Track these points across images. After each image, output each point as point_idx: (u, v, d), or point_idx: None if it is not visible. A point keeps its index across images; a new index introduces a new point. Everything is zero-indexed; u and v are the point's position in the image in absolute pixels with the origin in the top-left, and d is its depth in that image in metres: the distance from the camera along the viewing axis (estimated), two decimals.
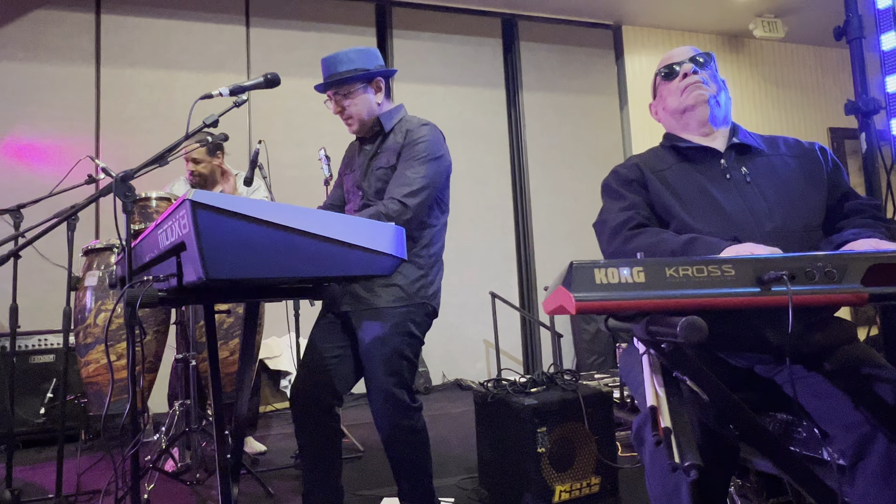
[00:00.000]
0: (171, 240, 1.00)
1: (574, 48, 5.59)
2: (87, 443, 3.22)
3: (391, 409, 1.65)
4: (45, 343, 3.37)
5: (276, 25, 4.77)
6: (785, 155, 1.36)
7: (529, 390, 2.02)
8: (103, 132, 4.28)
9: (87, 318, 2.39)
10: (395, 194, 1.64)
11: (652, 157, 1.42)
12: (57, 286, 3.37)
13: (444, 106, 5.06)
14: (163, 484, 2.44)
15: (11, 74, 4.11)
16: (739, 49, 6.10)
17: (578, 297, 0.76)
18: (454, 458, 2.72)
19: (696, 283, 0.77)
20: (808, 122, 6.24)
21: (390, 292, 1.69)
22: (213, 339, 1.45)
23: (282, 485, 2.43)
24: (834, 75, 6.42)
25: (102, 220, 4.19)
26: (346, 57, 1.75)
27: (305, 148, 4.42)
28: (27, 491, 2.43)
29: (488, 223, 5.14)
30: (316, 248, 0.95)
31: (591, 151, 5.51)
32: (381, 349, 1.65)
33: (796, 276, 0.76)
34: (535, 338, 5.19)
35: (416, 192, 1.64)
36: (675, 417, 0.77)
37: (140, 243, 1.33)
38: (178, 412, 2.51)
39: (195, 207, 0.85)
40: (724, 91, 1.40)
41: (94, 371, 2.40)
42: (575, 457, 1.93)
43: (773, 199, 1.27)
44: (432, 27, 5.17)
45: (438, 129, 1.80)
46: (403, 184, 1.65)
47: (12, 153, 4.06)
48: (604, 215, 1.35)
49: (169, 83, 4.42)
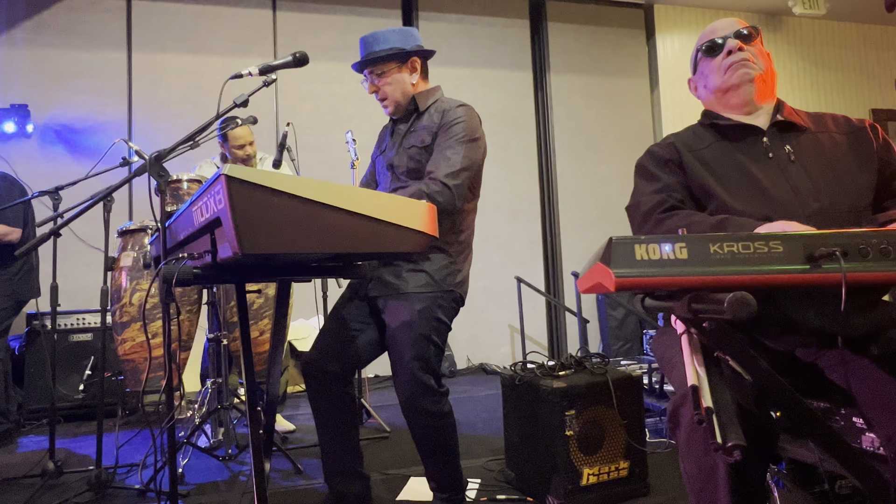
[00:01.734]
0: (205, 216, 1.01)
1: (603, 28, 5.46)
2: (125, 418, 3.33)
3: (417, 393, 1.64)
4: (83, 322, 3.48)
5: (303, 9, 4.77)
6: (833, 132, 1.29)
7: (558, 373, 2.00)
8: (135, 116, 4.36)
9: (122, 297, 2.45)
10: (437, 175, 1.61)
11: (690, 136, 1.37)
12: (93, 267, 3.48)
13: (470, 89, 5.00)
14: (196, 459, 2.51)
15: (47, 60, 4.20)
16: (777, 28, 5.87)
17: (618, 274, 0.74)
18: (480, 440, 2.73)
19: (741, 259, 0.74)
20: (849, 103, 6.00)
21: (418, 278, 1.67)
22: (244, 318, 1.47)
23: (310, 462, 2.47)
24: (878, 54, 6.15)
25: (136, 202, 4.29)
26: (383, 36, 1.73)
27: (332, 132, 4.43)
28: (69, 463, 2.53)
29: (514, 207, 5.10)
30: (348, 223, 0.95)
31: (619, 135, 5.40)
32: (408, 333, 1.64)
33: (849, 253, 0.73)
34: (561, 323, 5.16)
35: (457, 172, 1.62)
36: (717, 397, 0.75)
37: (175, 222, 1.35)
38: (211, 390, 2.57)
39: (230, 182, 0.86)
40: (770, 67, 1.34)
41: (130, 349, 2.47)
42: (603, 440, 1.92)
43: (819, 178, 1.22)
44: (458, 9, 5.10)
45: (475, 111, 1.77)
46: (445, 164, 1.62)
47: (49, 138, 4.17)
48: (636, 198, 1.31)
49: (198, 67, 4.47)
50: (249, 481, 2.25)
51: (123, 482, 2.28)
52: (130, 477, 2.35)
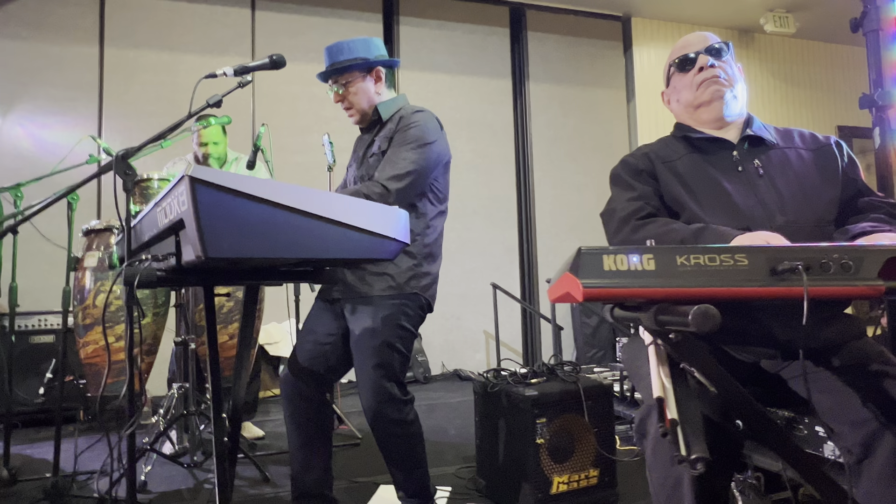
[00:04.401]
0: (169, 217, 0.98)
1: (582, 39, 5.53)
2: (85, 424, 3.22)
3: (380, 401, 1.63)
4: (45, 323, 3.36)
5: (282, 10, 4.72)
6: (800, 148, 1.33)
7: (530, 381, 2.00)
8: (106, 113, 4.25)
9: (86, 298, 2.38)
10: (379, 177, 1.60)
11: (662, 147, 1.39)
12: (57, 267, 3.35)
13: (450, 95, 5.01)
14: (160, 466, 2.44)
15: (15, 53, 4.07)
16: (749, 44, 6.03)
17: (586, 284, 0.74)
18: (452, 448, 2.72)
19: (707, 272, 0.74)
20: (817, 119, 6.18)
21: (381, 281, 1.66)
22: (212, 322, 1.44)
23: (279, 469, 2.43)
24: (844, 72, 6.35)
25: (104, 201, 4.17)
26: (347, 46, 1.74)
27: (309, 134, 4.39)
28: (25, 470, 2.43)
29: (491, 214, 5.12)
30: (317, 229, 0.93)
31: (596, 144, 5.47)
32: (371, 340, 1.62)
33: (811, 268, 0.74)
34: (536, 330, 5.18)
35: (400, 176, 1.60)
36: (682, 409, 0.75)
37: (140, 222, 1.31)
38: (177, 395, 2.50)
39: (194, 184, 0.83)
40: (741, 81, 1.37)
41: (92, 352, 2.39)
42: (574, 449, 1.92)
43: (786, 193, 1.24)
44: (439, 15, 5.11)
45: (434, 116, 1.76)
46: (388, 167, 1.62)
47: (14, 132, 4.03)
48: (612, 204, 1.33)
49: (173, 66, 4.38)
50: (215, 490, 2.20)
51: (82, 490, 2.20)
52: (89, 485, 2.27)
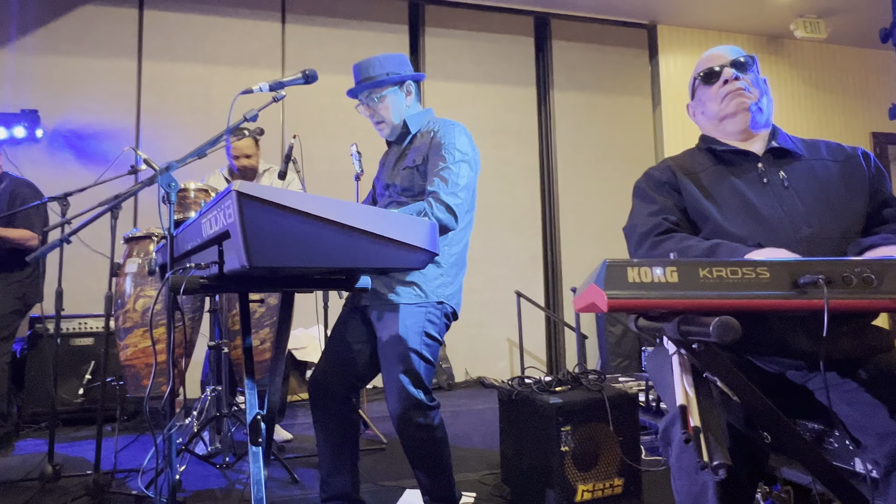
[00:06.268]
0: (215, 228, 1.04)
1: (607, 47, 5.53)
2: (123, 423, 3.34)
3: (407, 407, 1.67)
4: (85, 326, 3.50)
5: (311, 22, 4.84)
6: (826, 159, 1.33)
7: (554, 389, 2.02)
8: (143, 124, 4.42)
9: (126, 303, 2.48)
10: (439, 195, 1.66)
11: (686, 160, 1.41)
12: (95, 271, 3.50)
13: (475, 104, 5.07)
14: (193, 466, 2.53)
15: (59, 67, 4.27)
16: (779, 50, 5.94)
17: (611, 295, 0.77)
18: (476, 454, 2.74)
19: (729, 284, 0.77)
20: (849, 126, 6.05)
21: (408, 289, 1.71)
22: (247, 327, 1.51)
23: (306, 472, 2.49)
24: (878, 78, 6.21)
25: (141, 209, 4.33)
26: (378, 62, 1.80)
27: (337, 143, 4.48)
28: (67, 467, 2.54)
29: (516, 222, 5.14)
30: (353, 240, 0.98)
31: (621, 153, 5.45)
32: (398, 347, 1.67)
33: (833, 281, 0.76)
34: (560, 338, 5.17)
35: (457, 193, 1.67)
36: (704, 416, 0.77)
37: (182, 232, 1.39)
38: (210, 397, 2.59)
39: (241, 198, 0.89)
40: (766, 95, 1.38)
41: (132, 354, 2.49)
42: (598, 457, 1.93)
43: (812, 204, 1.25)
44: (465, 25, 5.17)
45: (465, 129, 1.81)
46: (443, 185, 1.67)
47: (56, 142, 4.23)
48: (633, 220, 1.35)
49: (207, 77, 4.54)
50: (246, 490, 2.26)
51: (120, 488, 2.30)
52: (128, 482, 2.36)
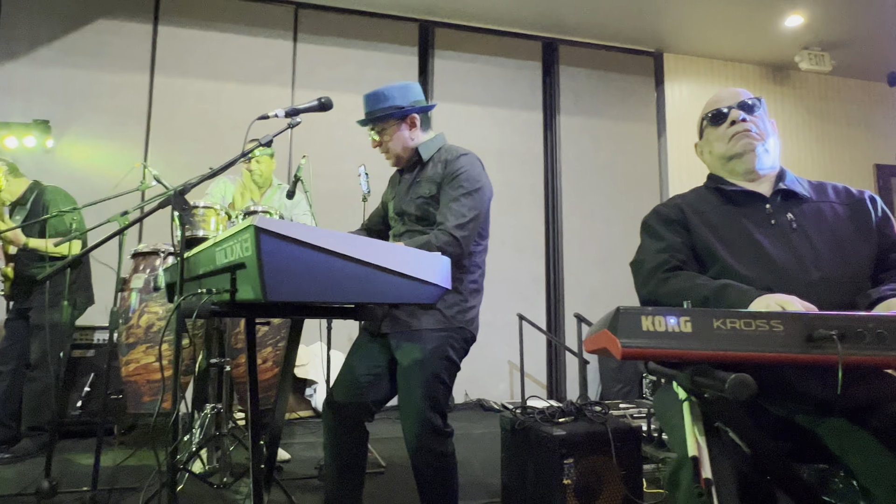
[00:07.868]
0: (230, 258, 1.05)
1: (613, 74, 5.60)
2: (120, 438, 3.32)
3: (424, 431, 1.67)
4: (85, 338, 3.50)
5: (322, 42, 4.91)
6: (833, 202, 1.34)
7: (558, 420, 2.01)
8: (152, 137, 4.46)
9: (130, 318, 2.48)
10: (446, 226, 1.68)
11: (695, 198, 1.42)
12: (99, 284, 3.50)
13: (481, 126, 5.11)
14: (190, 485, 2.50)
15: (72, 80, 4.33)
16: (784, 80, 6.01)
17: (625, 344, 0.77)
18: (477, 483, 2.71)
19: (743, 336, 0.77)
20: (853, 157, 6.10)
21: (430, 316, 1.73)
22: (252, 349, 1.50)
23: (304, 496, 2.46)
24: (883, 111, 6.27)
25: (147, 223, 4.35)
26: (384, 94, 1.83)
27: (345, 162, 4.51)
28: (63, 482, 2.52)
29: (519, 244, 5.15)
30: (367, 274, 0.99)
31: (626, 178, 5.48)
32: (420, 372, 1.68)
33: (846, 336, 0.76)
34: (561, 362, 5.15)
35: (464, 224, 1.68)
36: (716, 468, 0.77)
37: (195, 256, 1.39)
38: (209, 416, 2.57)
39: (259, 232, 0.90)
40: (773, 136, 1.39)
41: (133, 370, 2.48)
42: (601, 490, 1.92)
43: (821, 247, 1.25)
44: (473, 48, 5.25)
45: (477, 158, 1.83)
46: (452, 216, 1.69)
47: (67, 154, 4.27)
48: (641, 255, 1.36)
49: (218, 93, 4.59)
50: None
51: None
52: (125, 499, 2.34)
